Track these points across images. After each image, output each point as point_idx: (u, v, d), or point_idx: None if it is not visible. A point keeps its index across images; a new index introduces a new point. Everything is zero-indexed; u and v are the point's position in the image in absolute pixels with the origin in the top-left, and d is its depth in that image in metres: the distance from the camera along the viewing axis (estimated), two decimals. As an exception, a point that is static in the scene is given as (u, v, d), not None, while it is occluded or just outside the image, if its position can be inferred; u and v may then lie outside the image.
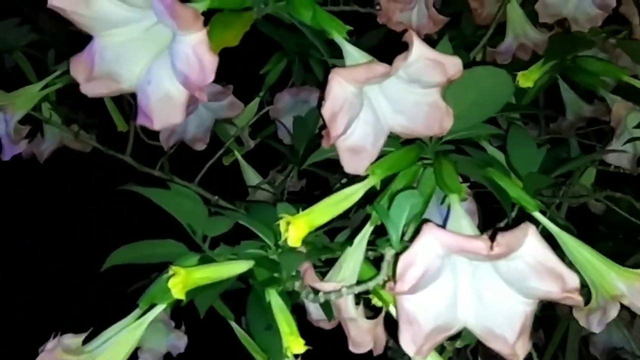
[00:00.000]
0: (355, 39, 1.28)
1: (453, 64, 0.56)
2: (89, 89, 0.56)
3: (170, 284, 0.53)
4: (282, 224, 0.54)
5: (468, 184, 0.79)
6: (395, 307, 0.59)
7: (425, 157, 0.68)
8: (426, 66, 0.57)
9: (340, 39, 0.64)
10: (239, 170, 1.33)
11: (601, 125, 1.24)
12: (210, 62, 0.51)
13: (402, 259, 0.46)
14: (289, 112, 1.23)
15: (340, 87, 0.56)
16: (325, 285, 0.60)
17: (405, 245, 0.52)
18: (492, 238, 0.47)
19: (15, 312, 2.00)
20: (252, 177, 1.25)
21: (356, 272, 0.65)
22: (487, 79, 0.59)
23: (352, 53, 0.62)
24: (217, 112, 1.08)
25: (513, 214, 0.78)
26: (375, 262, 0.71)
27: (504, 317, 0.51)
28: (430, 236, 0.46)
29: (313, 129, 1.08)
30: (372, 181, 0.61)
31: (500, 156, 0.76)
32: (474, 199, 0.82)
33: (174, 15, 0.48)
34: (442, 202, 0.67)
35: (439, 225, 0.47)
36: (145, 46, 0.55)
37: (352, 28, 0.67)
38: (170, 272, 0.54)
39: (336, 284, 0.61)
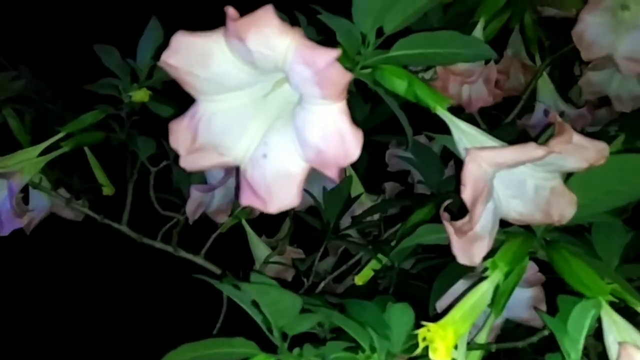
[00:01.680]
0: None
1: (599, 150, 0.50)
2: (190, 163, 0.46)
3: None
4: (421, 334, 0.46)
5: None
6: None
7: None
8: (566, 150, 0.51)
9: (447, 115, 0.57)
10: (241, 239, 1.22)
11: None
12: (355, 136, 0.43)
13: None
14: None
15: (480, 170, 0.49)
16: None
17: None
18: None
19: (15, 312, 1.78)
20: (261, 249, 1.14)
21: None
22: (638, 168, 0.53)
23: (469, 131, 0.55)
24: (243, 182, 0.98)
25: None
26: None
27: None
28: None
29: (344, 198, 1.01)
30: (497, 276, 0.54)
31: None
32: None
33: (325, 82, 0.40)
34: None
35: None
36: (260, 113, 0.47)
37: (454, 102, 0.61)
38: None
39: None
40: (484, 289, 0.51)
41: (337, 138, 0.42)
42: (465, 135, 0.55)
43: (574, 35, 0.83)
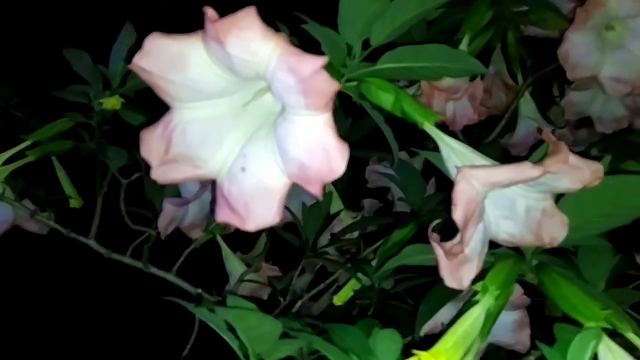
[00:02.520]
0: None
1: (594, 171, 0.48)
2: (162, 175, 0.42)
3: None
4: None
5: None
6: None
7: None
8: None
9: (435, 131, 0.55)
10: (216, 256, 1.18)
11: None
12: (340, 151, 0.40)
13: None
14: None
15: (472, 190, 0.46)
16: None
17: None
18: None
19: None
20: (237, 266, 1.10)
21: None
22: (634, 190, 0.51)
23: (458, 148, 0.53)
24: (219, 197, 0.95)
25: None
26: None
27: None
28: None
29: (324, 215, 0.97)
30: (488, 300, 0.51)
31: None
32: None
33: (310, 92, 0.37)
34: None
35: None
36: (240, 123, 0.43)
37: (442, 117, 0.58)
38: None
39: None
40: (476, 314, 0.49)
41: (321, 152, 0.39)
42: (455, 153, 0.53)
43: (559, 54, 0.82)
